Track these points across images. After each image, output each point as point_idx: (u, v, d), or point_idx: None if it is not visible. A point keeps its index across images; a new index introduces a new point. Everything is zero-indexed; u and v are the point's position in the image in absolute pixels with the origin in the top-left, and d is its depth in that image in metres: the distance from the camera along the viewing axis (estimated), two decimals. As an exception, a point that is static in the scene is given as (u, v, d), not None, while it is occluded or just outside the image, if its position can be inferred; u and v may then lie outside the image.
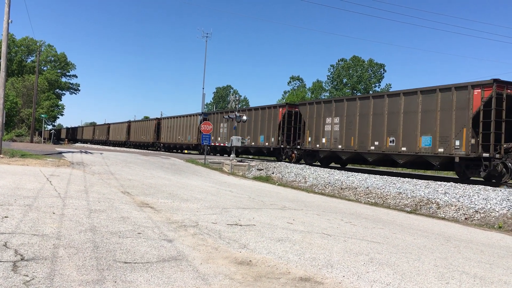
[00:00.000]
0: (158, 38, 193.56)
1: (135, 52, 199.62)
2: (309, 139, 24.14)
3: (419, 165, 19.35)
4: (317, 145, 23.56)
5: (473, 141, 15.79)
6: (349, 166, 26.76)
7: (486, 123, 15.50)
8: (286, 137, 26.71)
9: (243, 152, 33.21)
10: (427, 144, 17.32)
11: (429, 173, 26.06)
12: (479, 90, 15.74)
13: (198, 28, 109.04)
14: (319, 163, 25.27)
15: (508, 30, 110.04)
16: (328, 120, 22.81)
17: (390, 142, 18.81)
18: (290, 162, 25.94)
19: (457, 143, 16.26)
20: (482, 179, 16.66)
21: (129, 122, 58.53)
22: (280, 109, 27.35)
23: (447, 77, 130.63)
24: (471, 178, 16.96)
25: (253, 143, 29.61)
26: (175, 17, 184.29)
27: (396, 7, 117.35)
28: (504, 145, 15.53)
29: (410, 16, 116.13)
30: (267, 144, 28.03)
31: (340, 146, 21.89)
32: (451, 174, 23.57)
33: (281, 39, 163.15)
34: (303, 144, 25.06)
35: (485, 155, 15.53)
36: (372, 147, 19.74)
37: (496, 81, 15.52)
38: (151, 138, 48.95)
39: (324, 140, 23.01)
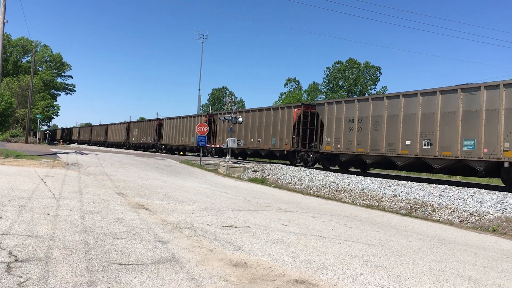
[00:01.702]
0: (155, 39, 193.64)
1: (131, 53, 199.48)
2: (219, 140, 33.57)
3: (271, 156, 29.32)
4: (223, 144, 31.49)
5: (294, 140, 25.30)
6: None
7: (299, 130, 25.01)
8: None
9: (172, 148, 42.30)
10: (274, 142, 27.11)
11: (275, 160, 32.71)
12: (296, 109, 25.42)
13: (195, 29, 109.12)
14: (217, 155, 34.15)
15: (503, 33, 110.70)
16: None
17: (258, 141, 28.70)
18: (212, 156, 33.86)
19: (286, 141, 25.84)
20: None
21: (107, 125, 63.79)
22: (202, 117, 36.53)
23: (443, 80, 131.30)
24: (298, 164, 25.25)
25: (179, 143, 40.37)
26: (172, 18, 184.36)
27: (392, 10, 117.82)
28: (312, 144, 24.46)
29: (406, 19, 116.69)
30: (190, 142, 38.06)
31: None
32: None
33: (278, 41, 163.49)
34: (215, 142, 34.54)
35: (297, 149, 25.01)
36: (251, 145, 29.35)
37: (303, 104, 26.09)
38: (123, 138, 55.06)
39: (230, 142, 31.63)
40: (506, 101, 14.86)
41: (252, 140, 29.30)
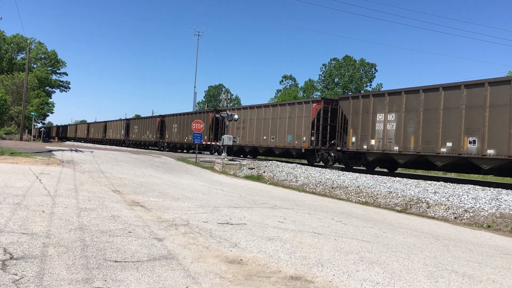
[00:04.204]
0: (152, 36, 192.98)
1: (127, 50, 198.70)
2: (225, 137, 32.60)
3: (287, 154, 27.41)
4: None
5: (312, 138, 23.35)
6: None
7: (318, 126, 23.14)
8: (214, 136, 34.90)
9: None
10: (290, 140, 25.17)
11: (291, 160, 31.88)
12: (315, 104, 23.42)
13: (191, 26, 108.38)
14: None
15: (500, 31, 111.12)
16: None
17: (271, 138, 26.95)
18: (219, 154, 32.19)
19: (304, 139, 23.87)
20: (330, 165, 23.29)
21: (105, 122, 62.52)
22: (209, 114, 36.01)
23: (440, 78, 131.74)
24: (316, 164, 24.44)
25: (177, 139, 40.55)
26: (169, 15, 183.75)
27: (388, 7, 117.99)
28: (332, 142, 23.00)
29: (402, 16, 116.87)
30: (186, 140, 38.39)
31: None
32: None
33: (274, 38, 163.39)
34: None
35: (316, 147, 23.27)
36: (264, 143, 27.88)
37: (323, 99, 24.26)
38: (122, 136, 54.04)
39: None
40: None
41: (264, 137, 27.50)
